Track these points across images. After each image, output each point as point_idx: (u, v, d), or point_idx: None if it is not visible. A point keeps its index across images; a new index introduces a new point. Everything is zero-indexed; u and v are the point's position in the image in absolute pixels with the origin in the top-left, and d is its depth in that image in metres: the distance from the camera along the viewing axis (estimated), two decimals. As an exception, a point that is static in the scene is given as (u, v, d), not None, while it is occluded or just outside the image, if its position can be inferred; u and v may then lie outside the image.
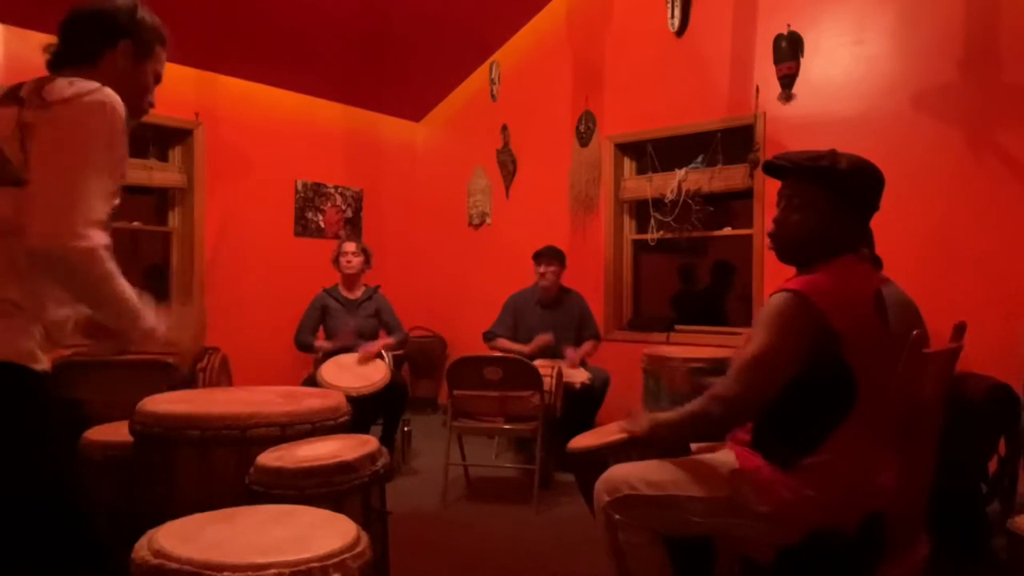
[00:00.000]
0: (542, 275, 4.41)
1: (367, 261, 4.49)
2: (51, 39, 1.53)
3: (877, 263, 2.67)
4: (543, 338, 4.23)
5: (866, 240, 2.59)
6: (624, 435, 1.86)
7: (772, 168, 1.78)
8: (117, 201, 1.46)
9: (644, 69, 4.86)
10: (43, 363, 1.41)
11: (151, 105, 1.59)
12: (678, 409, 1.72)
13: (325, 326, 4.40)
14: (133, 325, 1.42)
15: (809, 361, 1.58)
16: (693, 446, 1.92)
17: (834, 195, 1.67)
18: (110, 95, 1.38)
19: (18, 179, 1.34)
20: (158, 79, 1.59)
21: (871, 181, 1.70)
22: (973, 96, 3.61)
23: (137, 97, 1.51)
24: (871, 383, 1.59)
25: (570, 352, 4.24)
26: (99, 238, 1.31)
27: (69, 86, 1.37)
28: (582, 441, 2.03)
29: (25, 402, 1.37)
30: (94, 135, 1.35)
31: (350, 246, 4.47)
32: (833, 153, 1.70)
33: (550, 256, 4.43)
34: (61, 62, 1.49)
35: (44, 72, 1.49)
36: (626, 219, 5.14)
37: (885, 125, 3.86)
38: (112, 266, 1.34)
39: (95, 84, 1.38)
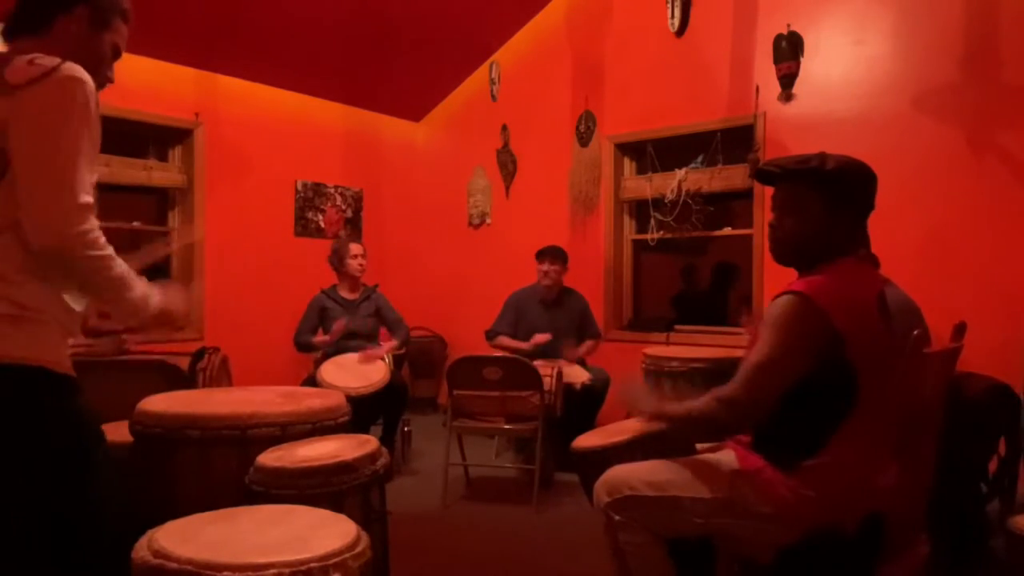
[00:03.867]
0: (544, 274, 4.41)
1: (364, 262, 4.49)
2: None
3: (874, 261, 2.67)
4: (541, 337, 4.23)
5: (863, 241, 2.59)
6: (630, 435, 1.87)
7: (763, 175, 1.80)
8: (95, 178, 1.45)
9: (644, 69, 4.86)
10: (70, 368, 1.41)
11: (109, 80, 1.56)
12: (685, 404, 1.69)
13: (324, 327, 4.38)
14: (132, 301, 1.42)
15: (814, 362, 1.58)
16: (696, 446, 1.92)
17: (824, 196, 1.68)
18: (75, 68, 1.34)
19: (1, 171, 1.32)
20: (117, 53, 1.56)
21: (861, 180, 1.71)
22: (973, 96, 3.61)
23: (93, 67, 1.46)
24: (872, 383, 1.58)
25: (568, 348, 4.24)
26: (93, 220, 1.32)
27: (29, 66, 1.32)
28: (587, 441, 2.03)
29: (69, 411, 1.38)
30: (70, 116, 1.32)
31: (358, 248, 4.45)
32: (821, 155, 1.71)
33: (553, 256, 4.42)
34: (15, 28, 1.46)
35: None
36: (626, 219, 5.13)
37: (885, 125, 3.85)
38: (108, 247, 1.35)
39: (56, 60, 1.34)
